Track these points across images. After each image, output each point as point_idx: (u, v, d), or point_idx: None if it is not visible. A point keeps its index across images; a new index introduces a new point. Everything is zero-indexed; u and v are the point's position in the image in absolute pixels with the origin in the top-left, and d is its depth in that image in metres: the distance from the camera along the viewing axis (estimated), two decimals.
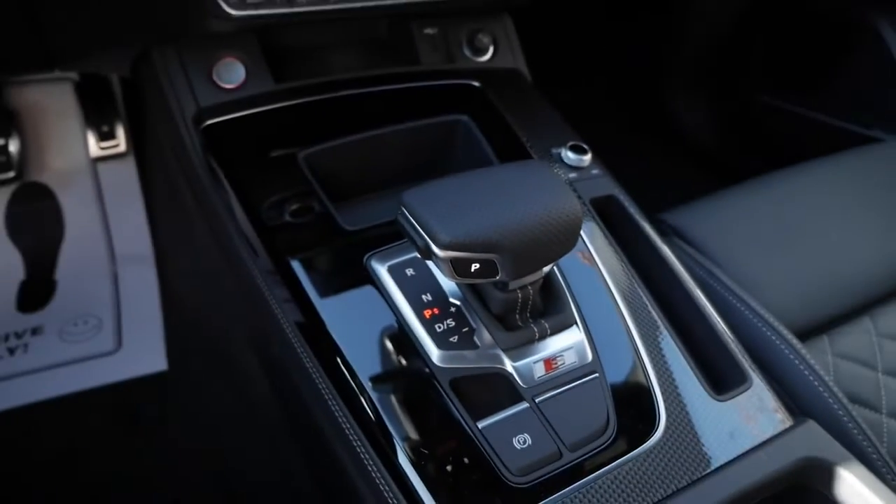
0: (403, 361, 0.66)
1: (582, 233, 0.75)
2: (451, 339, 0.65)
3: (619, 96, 2.25)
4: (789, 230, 1.08)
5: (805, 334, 0.97)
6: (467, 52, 1.01)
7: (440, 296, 0.68)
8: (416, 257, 0.70)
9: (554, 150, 0.87)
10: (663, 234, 1.02)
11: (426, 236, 0.56)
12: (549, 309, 0.67)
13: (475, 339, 0.65)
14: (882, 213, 1.15)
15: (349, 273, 0.72)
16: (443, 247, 0.56)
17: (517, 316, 0.65)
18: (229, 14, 0.81)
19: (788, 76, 1.79)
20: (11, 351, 1.35)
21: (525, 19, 1.11)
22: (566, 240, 0.59)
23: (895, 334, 0.99)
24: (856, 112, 1.62)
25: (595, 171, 0.85)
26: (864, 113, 1.60)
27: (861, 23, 1.57)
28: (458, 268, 0.57)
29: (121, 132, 1.51)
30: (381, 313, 0.69)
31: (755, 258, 1.02)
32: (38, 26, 0.91)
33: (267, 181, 0.84)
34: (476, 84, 0.96)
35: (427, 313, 0.66)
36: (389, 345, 0.67)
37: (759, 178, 1.18)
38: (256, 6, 0.82)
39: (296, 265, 0.74)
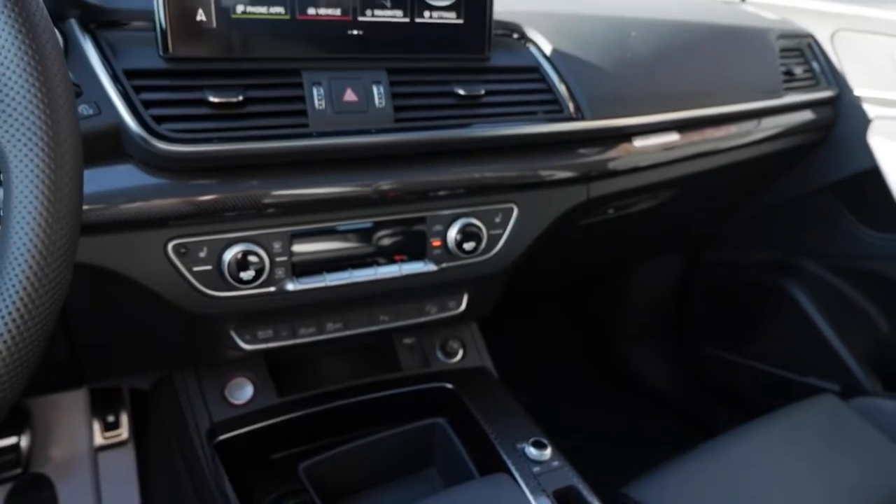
0: None
1: None
2: None
3: (585, 348, 2.46)
4: (743, 493, 1.19)
5: None
6: (440, 356, 1.20)
7: None
8: None
9: (518, 446, 1.01)
10: None
11: None
12: None
13: None
14: (826, 467, 1.28)
15: None
16: None
17: None
18: (244, 348, 1.00)
19: (726, 331, 2.02)
20: None
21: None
22: None
23: None
24: (790, 363, 1.82)
25: (555, 464, 0.99)
26: (797, 364, 1.81)
27: (779, 288, 1.84)
28: None
29: (125, 421, 1.62)
30: None
31: None
32: (77, 357, 1.08)
33: (266, 479, 0.96)
34: (449, 386, 1.13)
35: None
36: None
37: (714, 441, 1.31)
38: (266, 340, 1.00)
39: None
